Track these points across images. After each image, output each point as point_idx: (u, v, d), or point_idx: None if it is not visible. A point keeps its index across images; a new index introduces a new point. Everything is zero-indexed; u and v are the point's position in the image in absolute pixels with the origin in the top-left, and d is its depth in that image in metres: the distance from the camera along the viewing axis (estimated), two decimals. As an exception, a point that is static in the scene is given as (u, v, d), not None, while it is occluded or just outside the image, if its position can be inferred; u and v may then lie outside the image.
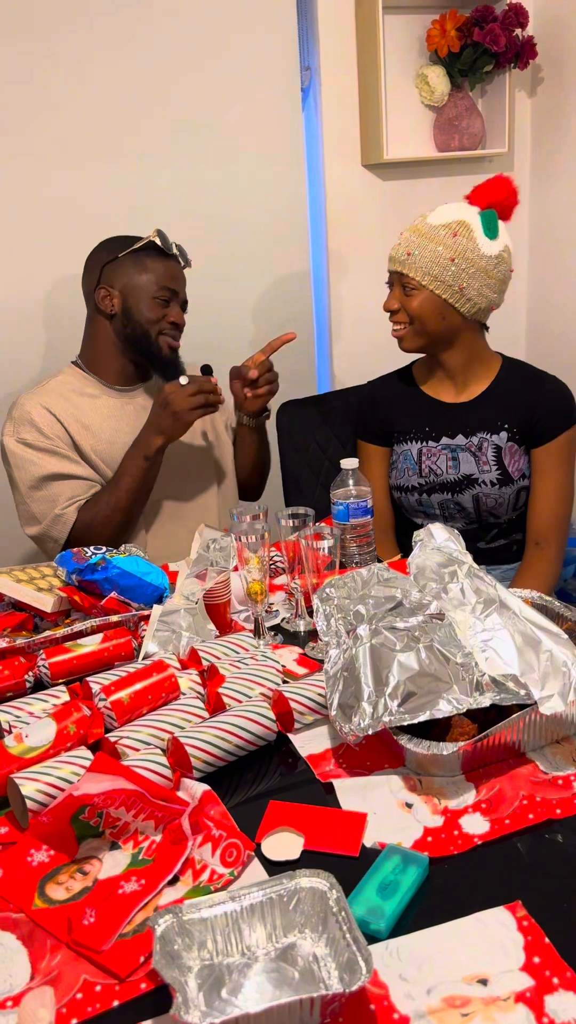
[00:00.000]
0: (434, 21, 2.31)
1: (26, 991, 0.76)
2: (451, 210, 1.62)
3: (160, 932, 0.75)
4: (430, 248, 1.59)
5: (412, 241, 1.61)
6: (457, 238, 1.58)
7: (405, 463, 1.77)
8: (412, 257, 1.60)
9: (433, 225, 1.60)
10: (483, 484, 1.71)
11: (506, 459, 1.70)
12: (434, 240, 1.59)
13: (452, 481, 1.73)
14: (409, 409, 1.79)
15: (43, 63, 2.02)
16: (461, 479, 1.72)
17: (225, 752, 1.02)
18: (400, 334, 1.68)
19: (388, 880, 0.83)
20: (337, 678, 1.05)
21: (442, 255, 1.58)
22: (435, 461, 1.74)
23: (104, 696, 1.08)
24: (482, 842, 0.89)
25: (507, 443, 1.70)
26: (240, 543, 1.30)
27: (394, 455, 1.81)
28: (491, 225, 1.61)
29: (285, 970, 0.76)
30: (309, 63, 2.34)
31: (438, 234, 1.59)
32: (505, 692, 1.00)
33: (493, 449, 1.70)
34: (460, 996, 0.73)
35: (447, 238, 1.58)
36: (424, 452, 1.75)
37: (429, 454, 1.74)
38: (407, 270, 1.60)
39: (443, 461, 1.73)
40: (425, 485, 1.75)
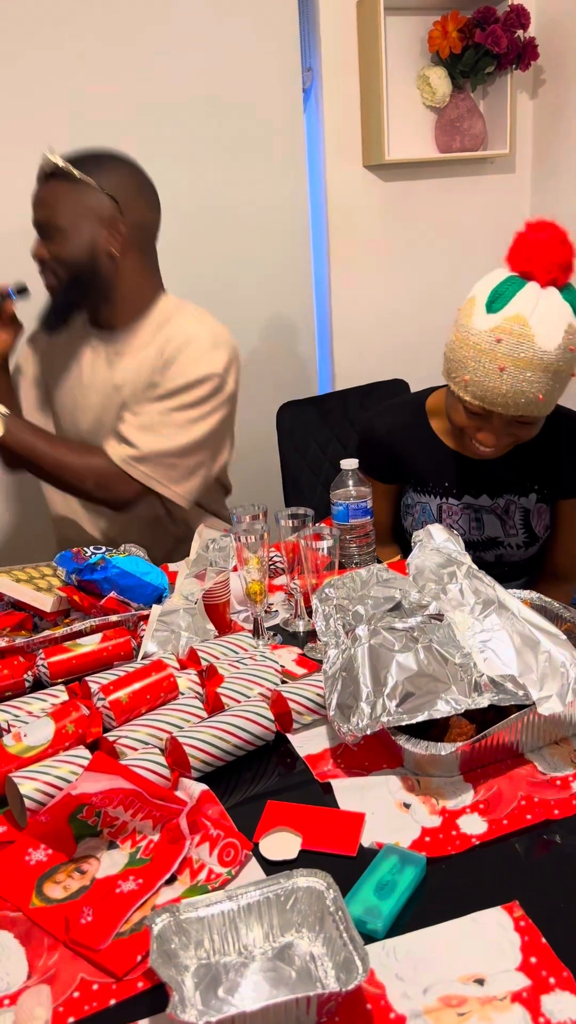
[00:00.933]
0: (436, 22, 2.31)
1: (23, 989, 0.76)
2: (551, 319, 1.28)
3: (157, 931, 0.75)
4: (560, 382, 1.33)
5: (539, 380, 1.29)
6: (574, 352, 1.30)
7: (424, 516, 1.59)
8: (545, 401, 1.32)
9: (552, 352, 1.28)
10: (508, 547, 1.58)
11: (534, 520, 1.55)
12: (562, 371, 1.31)
13: (475, 542, 1.57)
14: (426, 460, 1.56)
15: (42, 59, 2.02)
16: (485, 540, 1.57)
17: (223, 752, 1.02)
18: (494, 455, 1.43)
19: (385, 880, 0.83)
20: (336, 678, 1.06)
21: (566, 377, 1.33)
22: (456, 520, 1.56)
23: (103, 695, 1.08)
24: (480, 842, 0.89)
25: (535, 504, 1.55)
26: (239, 543, 1.30)
27: (410, 500, 1.62)
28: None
29: (282, 969, 0.76)
30: (310, 64, 2.34)
31: (564, 363, 1.30)
32: (503, 693, 1.00)
33: (521, 512, 1.55)
34: (456, 996, 0.73)
35: (569, 358, 1.31)
36: (444, 509, 1.57)
37: (450, 512, 1.56)
38: (537, 411, 1.34)
39: (465, 521, 1.55)
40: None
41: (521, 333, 1.28)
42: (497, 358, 1.29)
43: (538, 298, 1.29)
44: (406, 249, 2.56)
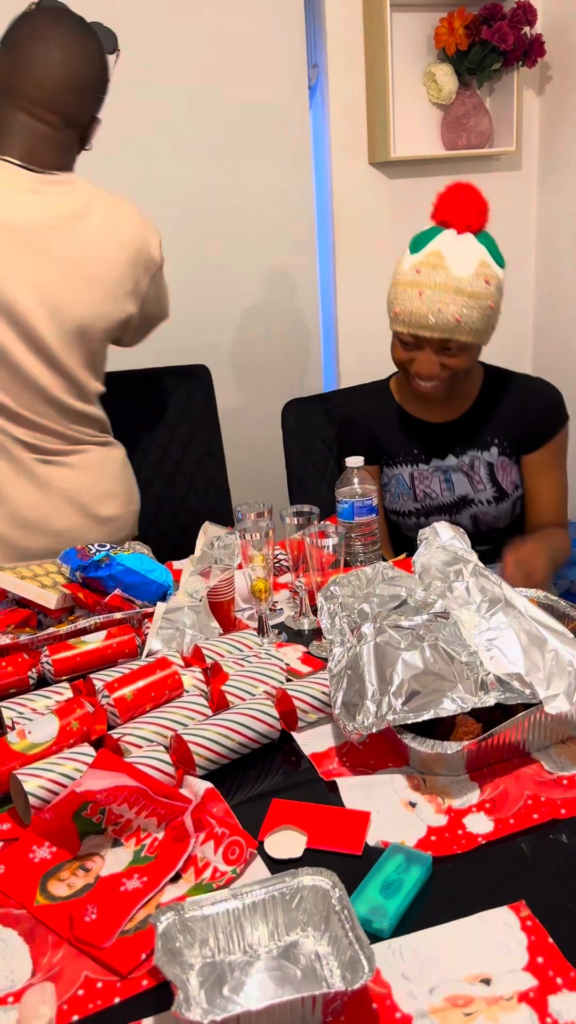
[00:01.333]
0: (442, 19, 2.31)
1: (27, 987, 0.75)
2: (464, 250, 1.45)
3: (162, 929, 0.75)
4: (474, 306, 1.45)
5: (455, 302, 1.44)
6: (490, 285, 1.46)
7: (398, 488, 1.72)
8: (462, 323, 1.45)
9: (465, 278, 1.44)
10: (480, 503, 1.68)
11: (499, 475, 1.66)
12: (475, 296, 1.44)
13: (448, 503, 1.69)
14: (395, 432, 1.71)
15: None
16: (457, 500, 1.68)
17: (228, 750, 1.02)
18: (431, 389, 1.55)
19: (391, 879, 0.83)
20: (341, 676, 1.05)
21: (484, 307, 1.46)
22: (428, 484, 1.69)
23: (107, 693, 1.08)
24: (486, 842, 0.89)
25: (498, 458, 1.66)
26: (244, 541, 1.30)
27: (385, 478, 1.74)
28: (496, 250, 1.49)
29: (287, 968, 0.76)
30: (316, 61, 2.34)
31: (476, 287, 1.44)
32: (510, 691, 1.00)
33: (485, 467, 1.66)
34: (463, 995, 0.72)
35: (483, 288, 1.45)
36: (416, 476, 1.70)
37: (421, 477, 1.69)
38: (458, 335, 1.46)
39: (436, 484, 1.68)
40: (422, 509, 1.71)
41: (436, 263, 1.46)
42: (417, 285, 1.47)
43: (454, 239, 1.47)
44: (412, 247, 2.56)
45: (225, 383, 2.32)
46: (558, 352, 2.69)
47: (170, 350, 2.14)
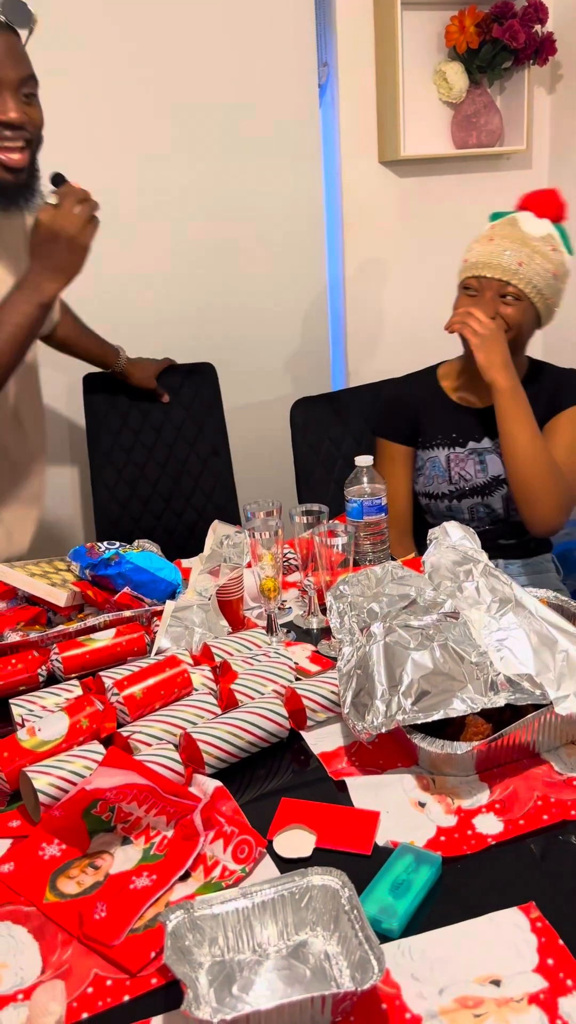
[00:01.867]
0: (453, 17, 2.30)
1: (37, 984, 0.76)
2: (538, 221, 1.58)
3: (171, 928, 0.75)
4: (538, 261, 1.54)
5: (520, 251, 1.54)
6: (556, 252, 1.56)
7: (433, 470, 1.74)
8: (523, 268, 1.54)
9: (534, 236, 1.56)
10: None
11: None
12: (539, 253, 1.55)
13: (481, 484, 1.70)
14: (436, 415, 1.75)
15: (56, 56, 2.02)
16: (490, 481, 1.70)
17: (237, 748, 1.02)
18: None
19: (400, 879, 0.83)
20: (350, 676, 1.05)
21: (547, 269, 1.55)
22: (464, 467, 1.71)
23: (117, 691, 1.08)
24: (496, 842, 0.89)
25: None
26: (254, 539, 1.30)
27: (419, 461, 1.77)
28: (567, 240, 1.60)
29: (296, 968, 0.76)
30: (327, 59, 2.33)
31: (542, 248, 1.55)
32: (520, 692, 0.99)
33: None
34: (473, 997, 0.72)
35: (549, 251, 1.55)
36: (452, 459, 1.72)
37: (457, 460, 1.71)
38: (516, 280, 1.54)
39: (471, 466, 1.71)
40: (455, 492, 1.72)
41: (511, 222, 1.60)
42: (490, 235, 1.60)
43: (531, 216, 1.59)
44: (421, 245, 2.55)
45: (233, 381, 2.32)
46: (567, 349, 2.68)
47: (178, 348, 2.14)
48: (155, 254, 2.24)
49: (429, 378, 1.81)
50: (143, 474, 2.06)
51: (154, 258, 2.24)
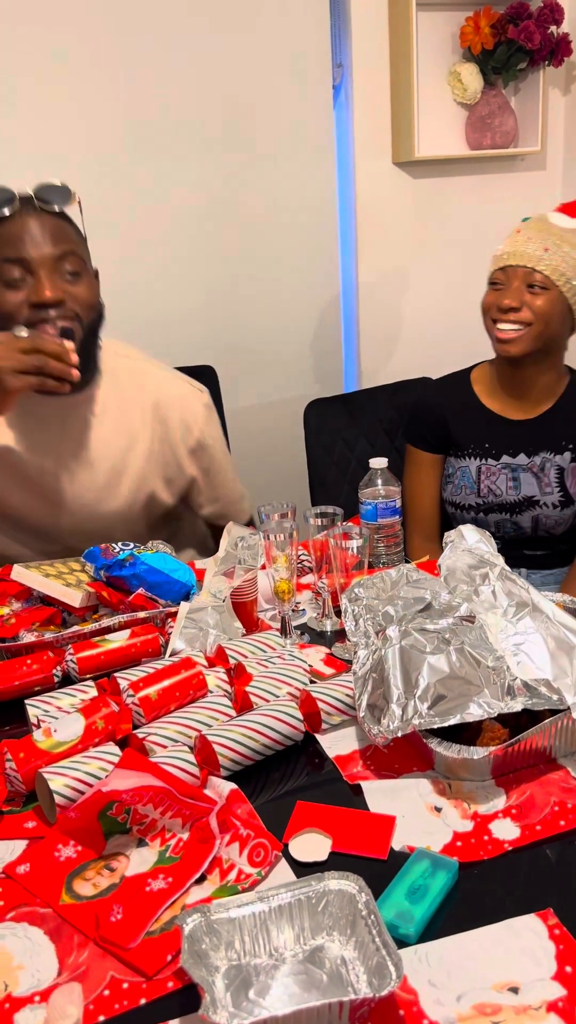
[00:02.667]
0: (468, 18, 2.29)
1: (54, 986, 0.76)
2: (565, 218, 1.58)
3: (188, 931, 0.75)
4: (565, 248, 1.53)
5: (546, 239, 1.54)
6: None
7: (462, 480, 1.70)
8: (549, 253, 1.52)
9: (562, 227, 1.55)
10: (544, 506, 1.66)
11: (568, 480, 1.65)
12: (568, 242, 1.54)
13: (512, 502, 1.67)
14: (468, 423, 1.70)
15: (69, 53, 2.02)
16: (522, 500, 1.67)
17: (252, 751, 1.02)
18: (515, 335, 1.55)
19: (417, 884, 0.82)
20: (366, 679, 1.05)
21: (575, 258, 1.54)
22: (494, 481, 1.67)
23: (132, 692, 1.08)
24: (512, 848, 0.88)
25: (570, 464, 1.65)
26: (268, 541, 1.29)
27: (450, 468, 1.73)
28: None
29: (313, 972, 0.76)
30: (341, 60, 2.33)
31: (570, 237, 1.54)
32: (537, 697, 0.99)
33: (556, 471, 1.65)
34: (491, 1004, 0.72)
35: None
36: (483, 471, 1.68)
37: (488, 473, 1.68)
38: (542, 267, 1.52)
39: (503, 481, 1.67)
40: (483, 505, 1.69)
41: (539, 217, 1.60)
42: (518, 226, 1.61)
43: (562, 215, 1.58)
44: (435, 247, 2.55)
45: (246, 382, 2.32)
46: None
47: (191, 349, 2.14)
48: (168, 255, 2.24)
49: (462, 382, 1.75)
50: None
51: (167, 258, 2.24)
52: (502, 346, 1.58)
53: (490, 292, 1.60)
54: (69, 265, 1.32)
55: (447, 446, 1.73)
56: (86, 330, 1.37)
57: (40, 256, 1.29)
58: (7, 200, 1.29)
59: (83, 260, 1.36)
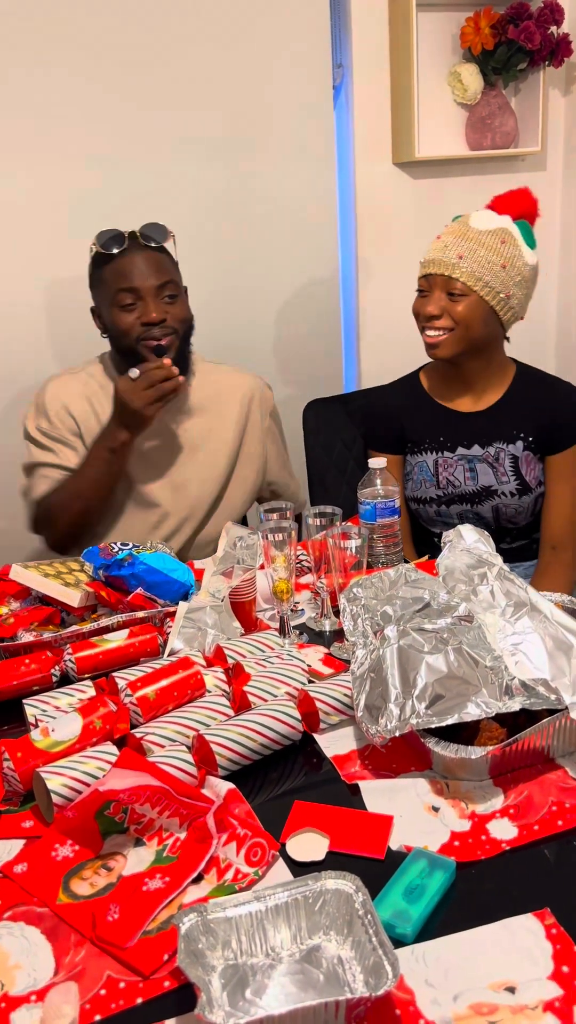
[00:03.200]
0: (468, 18, 2.29)
1: (50, 986, 0.76)
2: (491, 217, 1.59)
3: (185, 930, 0.75)
4: (481, 253, 1.55)
5: (461, 245, 1.56)
6: (505, 245, 1.56)
7: (421, 475, 1.74)
8: (464, 261, 1.55)
9: (480, 230, 1.57)
10: (502, 495, 1.70)
11: (523, 468, 1.68)
12: (484, 245, 1.56)
13: (471, 492, 1.71)
14: (421, 419, 1.75)
15: (62, 52, 2.02)
16: (480, 490, 1.70)
17: (250, 751, 1.01)
18: (438, 340, 1.61)
19: (414, 884, 0.82)
20: (364, 679, 1.05)
21: (493, 261, 1.55)
22: (452, 472, 1.71)
23: (130, 692, 1.08)
24: (510, 848, 0.88)
25: (523, 452, 1.68)
26: (267, 541, 1.29)
27: (408, 466, 1.77)
28: (530, 235, 1.61)
29: (309, 972, 0.75)
30: (341, 60, 2.33)
31: (487, 240, 1.56)
32: (535, 697, 0.99)
33: (510, 459, 1.68)
34: (487, 1003, 0.72)
35: (496, 244, 1.56)
36: (440, 463, 1.72)
37: (446, 465, 1.72)
38: (457, 274, 1.55)
39: (460, 472, 1.71)
40: (443, 496, 1.73)
41: (461, 219, 1.62)
42: (442, 230, 1.63)
43: (489, 212, 1.61)
44: (435, 247, 2.54)
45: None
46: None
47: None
48: (169, 255, 2.24)
49: (412, 382, 1.81)
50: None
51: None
52: (430, 350, 1.64)
53: (416, 298, 1.65)
54: (168, 291, 1.62)
55: (404, 445, 1.77)
56: (182, 339, 1.66)
57: (146, 286, 1.59)
58: (118, 240, 1.60)
59: (178, 285, 1.66)
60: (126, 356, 1.64)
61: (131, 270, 1.59)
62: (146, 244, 1.62)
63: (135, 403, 1.53)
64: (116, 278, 1.59)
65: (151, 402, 1.54)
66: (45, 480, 1.68)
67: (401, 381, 1.83)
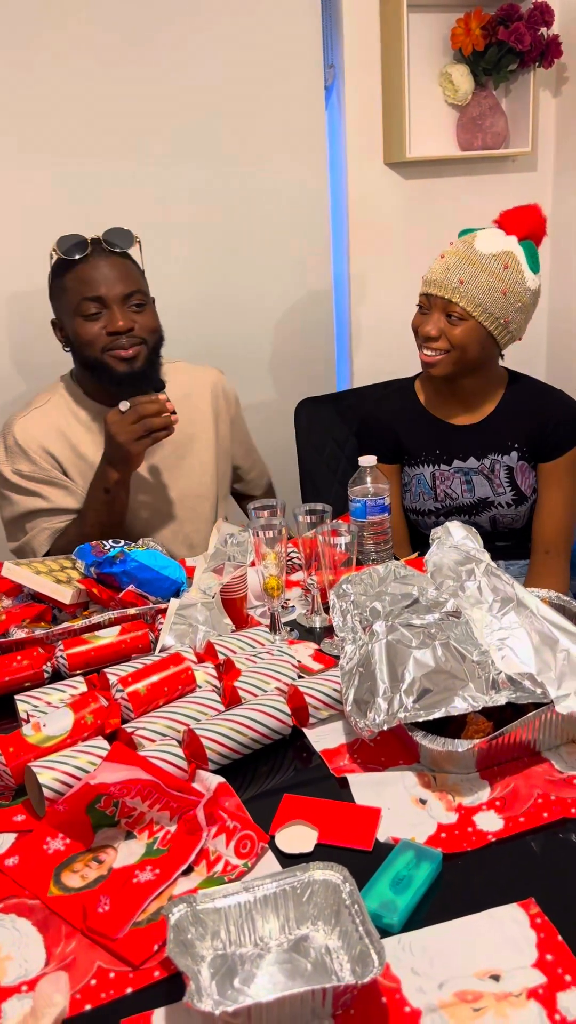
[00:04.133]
0: (459, 19, 2.30)
1: (41, 976, 0.77)
2: (496, 239, 1.57)
3: (174, 921, 0.76)
4: (483, 279, 1.53)
5: (463, 269, 1.54)
6: (508, 271, 1.55)
7: (419, 487, 1.75)
8: (464, 286, 1.53)
9: (483, 254, 1.55)
10: (499, 506, 1.71)
11: (518, 478, 1.70)
12: (486, 271, 1.54)
13: (468, 504, 1.72)
14: (417, 432, 1.75)
15: (55, 54, 2.03)
16: (477, 502, 1.72)
17: (240, 745, 1.02)
18: (435, 360, 1.60)
19: (401, 875, 0.84)
20: (353, 674, 1.06)
21: (495, 287, 1.54)
22: (449, 485, 1.72)
23: (121, 687, 1.09)
24: (496, 839, 0.89)
25: (518, 462, 1.69)
26: (257, 538, 1.30)
27: (406, 477, 1.77)
28: (534, 258, 1.59)
29: (297, 961, 0.76)
30: (333, 61, 2.34)
31: (490, 265, 1.54)
32: (521, 690, 1.00)
33: (505, 470, 1.69)
34: (472, 991, 0.73)
35: (499, 270, 1.54)
36: (438, 476, 1.73)
37: (443, 478, 1.72)
38: (457, 298, 1.54)
39: (457, 485, 1.72)
40: (442, 509, 1.74)
41: (467, 240, 1.59)
42: (444, 252, 1.61)
43: (496, 233, 1.59)
44: (426, 247, 2.55)
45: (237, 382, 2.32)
46: (572, 353, 2.68)
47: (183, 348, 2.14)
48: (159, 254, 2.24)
49: (408, 392, 1.80)
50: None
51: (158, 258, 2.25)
52: (426, 368, 1.64)
53: (416, 314, 1.64)
54: (135, 300, 1.56)
55: (400, 455, 1.77)
56: (151, 350, 1.60)
57: (112, 294, 1.53)
58: (80, 246, 1.52)
59: (145, 294, 1.60)
60: (91, 370, 1.56)
61: (95, 277, 1.52)
62: (111, 250, 1.55)
63: (120, 436, 1.46)
64: (79, 286, 1.52)
65: (137, 437, 1.46)
66: (44, 532, 1.60)
67: (397, 389, 1.82)
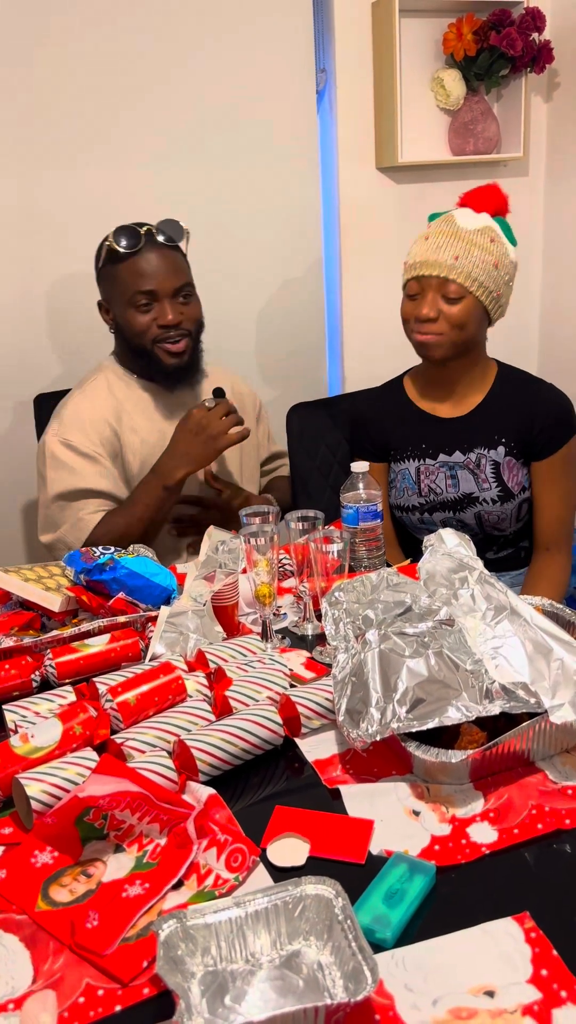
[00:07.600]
0: (451, 24, 2.30)
1: (28, 994, 0.75)
2: (472, 216, 1.57)
3: (164, 937, 0.75)
4: (475, 253, 1.53)
5: (455, 246, 1.53)
6: (495, 244, 1.55)
7: (404, 482, 1.73)
8: (459, 262, 1.52)
9: (469, 230, 1.54)
10: (484, 502, 1.68)
11: (505, 474, 1.67)
12: (476, 245, 1.53)
13: (452, 500, 1.70)
14: (403, 425, 1.74)
15: (51, 56, 2.02)
16: (461, 497, 1.69)
17: (231, 756, 1.01)
18: (435, 341, 1.58)
19: (394, 888, 0.82)
20: (345, 683, 1.05)
21: (487, 261, 1.53)
22: (434, 480, 1.70)
23: (111, 697, 1.07)
24: (490, 852, 0.88)
25: (505, 458, 1.67)
26: (249, 545, 1.29)
27: (392, 473, 1.76)
28: (510, 232, 1.60)
29: (289, 978, 0.75)
30: (324, 65, 2.33)
31: (478, 240, 1.54)
32: (515, 700, 0.99)
33: (491, 465, 1.67)
34: (467, 1008, 0.72)
35: (487, 243, 1.54)
36: (422, 470, 1.71)
37: (427, 472, 1.71)
38: (455, 275, 1.52)
39: (442, 479, 1.69)
40: (426, 504, 1.72)
41: (446, 219, 1.59)
42: (426, 234, 1.59)
43: (469, 212, 1.59)
44: (418, 252, 2.55)
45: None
46: (565, 358, 2.68)
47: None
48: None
49: (396, 387, 1.79)
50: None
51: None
52: (423, 350, 1.62)
53: (406, 302, 1.61)
54: (184, 292, 1.65)
55: (387, 452, 1.76)
56: (195, 340, 1.69)
57: (163, 288, 1.61)
58: (135, 238, 1.60)
59: (193, 285, 1.68)
60: (138, 356, 1.64)
61: (150, 271, 1.59)
62: (162, 243, 1.62)
63: (214, 428, 1.55)
64: (134, 278, 1.59)
65: (228, 428, 1.55)
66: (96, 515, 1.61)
67: (386, 387, 1.82)
